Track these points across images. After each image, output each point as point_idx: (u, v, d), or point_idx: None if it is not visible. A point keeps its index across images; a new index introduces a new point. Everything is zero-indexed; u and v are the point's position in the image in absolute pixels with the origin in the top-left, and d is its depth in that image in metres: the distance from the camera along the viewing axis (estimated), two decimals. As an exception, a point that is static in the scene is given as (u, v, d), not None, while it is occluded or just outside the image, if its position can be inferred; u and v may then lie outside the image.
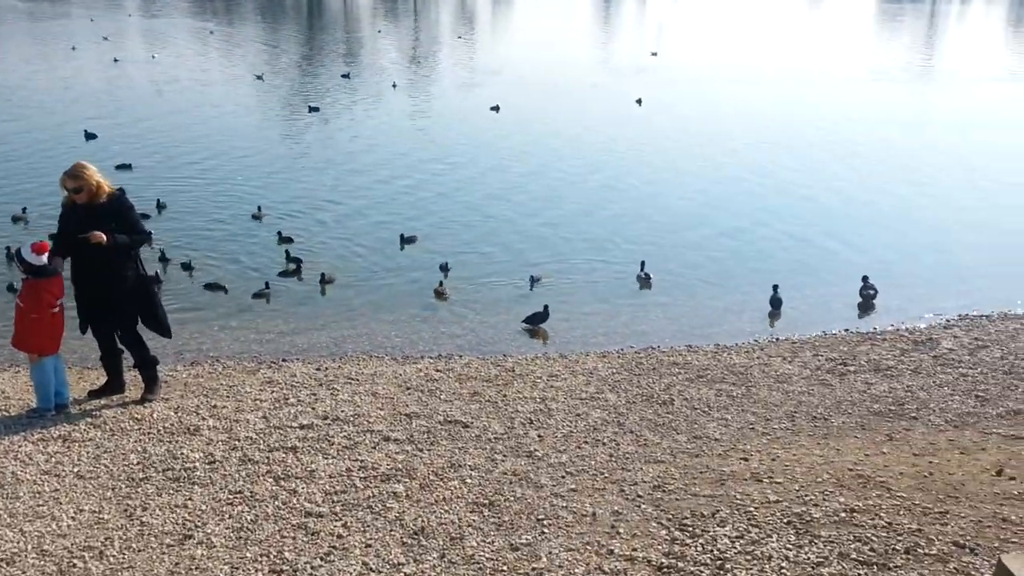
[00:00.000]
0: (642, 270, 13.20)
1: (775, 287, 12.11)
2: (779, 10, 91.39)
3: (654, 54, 41.86)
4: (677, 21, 72.83)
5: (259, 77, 32.67)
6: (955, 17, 75.88)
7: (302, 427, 7.77)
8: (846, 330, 11.30)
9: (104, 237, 7.61)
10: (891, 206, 17.53)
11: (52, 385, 8.05)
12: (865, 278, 12.33)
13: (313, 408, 8.25)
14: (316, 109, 26.39)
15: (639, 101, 27.99)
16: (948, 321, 11.49)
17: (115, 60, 37.16)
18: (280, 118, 25.98)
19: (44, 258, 7.69)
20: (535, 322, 11.48)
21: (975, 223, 16.32)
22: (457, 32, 57.23)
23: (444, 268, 13.20)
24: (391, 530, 5.98)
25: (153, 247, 13.88)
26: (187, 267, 13.16)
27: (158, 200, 16.02)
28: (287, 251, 13.78)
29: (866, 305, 12.22)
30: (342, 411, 8.16)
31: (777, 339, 10.96)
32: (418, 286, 12.88)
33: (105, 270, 7.86)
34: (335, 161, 20.57)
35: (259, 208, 16.15)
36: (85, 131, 21.98)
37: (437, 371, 9.53)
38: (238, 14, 70.73)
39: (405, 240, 14.55)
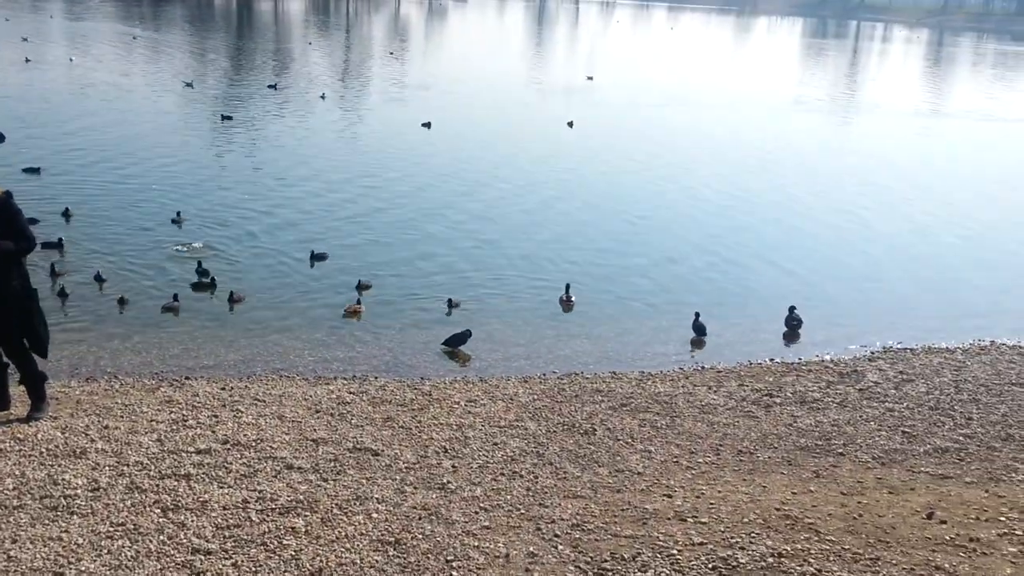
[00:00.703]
0: (566, 293, 12.91)
1: (696, 314, 11.92)
2: (711, 38, 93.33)
3: (590, 78, 42.00)
4: (610, 44, 73.59)
5: (189, 84, 31.76)
6: (877, 53, 78.36)
7: (199, 452, 7.22)
8: (772, 360, 11.14)
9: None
10: (818, 234, 17.66)
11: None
12: (791, 308, 12.23)
13: (213, 431, 7.70)
14: (229, 118, 25.65)
15: (570, 123, 27.89)
16: (873, 353, 11.41)
17: (27, 60, 35.77)
18: (201, 126, 25.13)
19: None
20: (456, 343, 11.06)
21: (901, 254, 16.50)
22: (389, 48, 56.82)
23: (361, 286, 12.70)
24: (285, 571, 5.48)
25: (64, 256, 13.26)
26: (98, 279, 12.31)
27: (66, 208, 15.14)
28: (199, 262, 13.13)
29: (792, 335, 12.12)
30: (244, 435, 7.63)
31: (703, 367, 10.74)
32: (336, 304, 12.33)
33: None
34: (258, 172, 19.93)
35: (178, 214, 15.58)
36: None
37: (350, 393, 9.05)
38: (166, 20, 69.30)
39: (315, 257, 13.97)
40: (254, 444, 7.43)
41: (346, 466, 7.09)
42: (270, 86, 32.75)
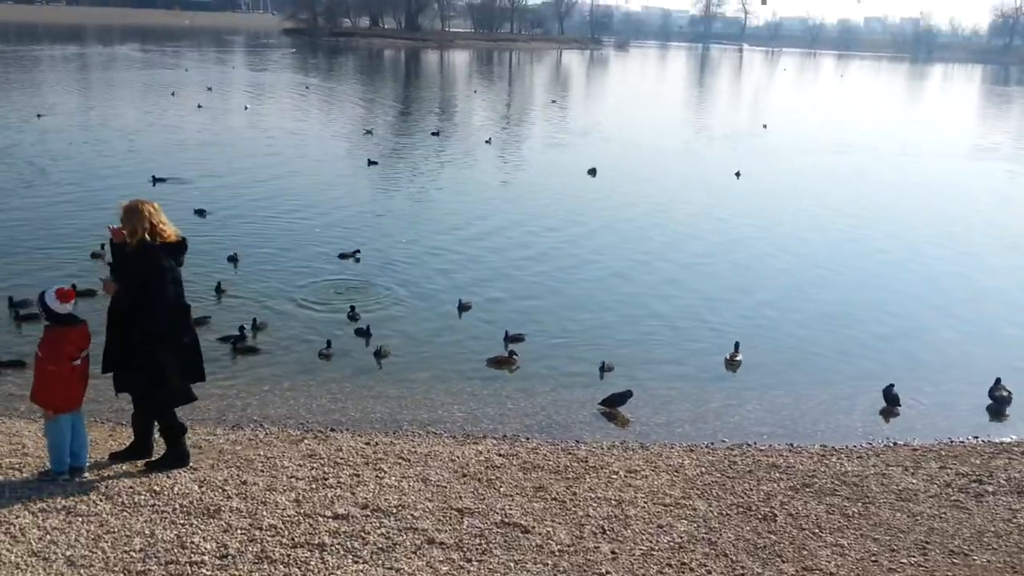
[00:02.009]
0: (734, 351, 11.88)
1: (891, 385, 10.62)
2: (885, 85, 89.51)
3: (765, 126, 40.68)
4: (779, 92, 71.60)
5: (368, 132, 32.63)
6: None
7: (336, 517, 6.67)
8: (976, 438, 9.74)
9: (112, 287, 6.96)
10: (1011, 290, 15.87)
11: (66, 446, 7.14)
12: (997, 379, 10.75)
13: (353, 493, 7.15)
14: (375, 163, 25.97)
15: (737, 174, 26.64)
16: (1100, 435, 9.84)
17: (199, 106, 37.88)
18: (365, 172, 25.43)
19: (69, 307, 6.86)
20: (614, 404, 10.23)
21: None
22: (552, 96, 57.02)
23: (511, 338, 12.08)
24: (419, 673, 4.79)
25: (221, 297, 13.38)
26: (254, 326, 12.10)
27: (234, 253, 15.14)
28: (352, 307, 12.89)
29: (998, 410, 10.62)
30: (385, 499, 7.04)
31: (895, 444, 9.47)
32: (487, 356, 11.72)
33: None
34: (417, 218, 19.84)
35: (349, 255, 15.83)
36: (153, 176, 21.69)
37: (500, 455, 8.36)
38: (338, 71, 72.27)
39: (462, 307, 13.46)
40: (395, 511, 6.82)
41: (493, 544, 6.37)
42: (433, 133, 33.17)
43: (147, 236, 6.88)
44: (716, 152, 33.35)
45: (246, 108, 38.90)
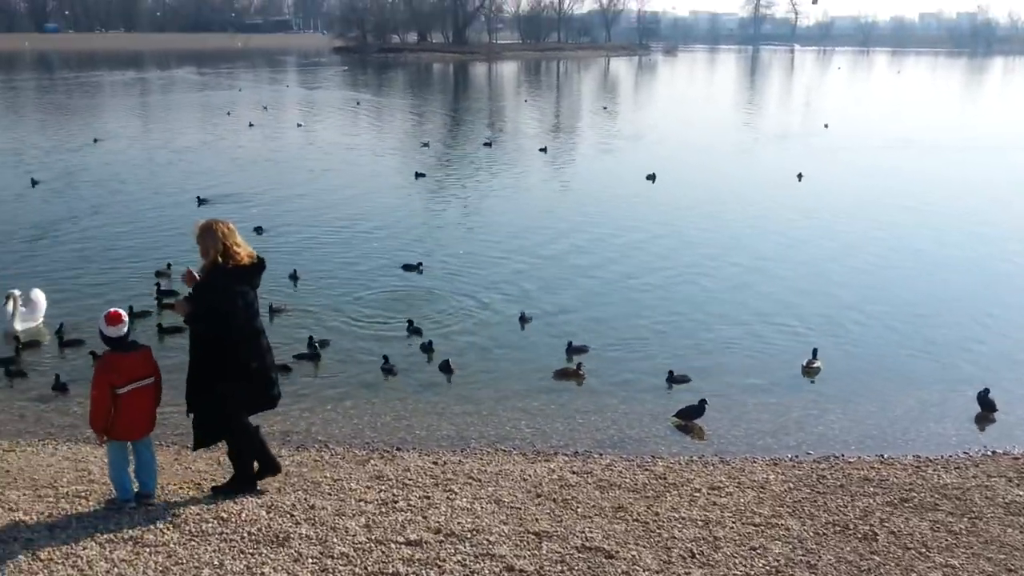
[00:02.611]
0: (812, 358, 11.35)
1: (986, 389, 10.02)
2: (945, 81, 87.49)
3: (826, 125, 39.80)
4: (835, 91, 70.31)
5: (425, 144, 32.60)
6: None
7: (409, 543, 6.35)
8: (1082, 445, 9.12)
9: (184, 308, 6.79)
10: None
11: (123, 474, 6.95)
12: (1100, 380, 10.12)
13: (425, 517, 6.83)
14: (423, 175, 25.78)
15: (799, 176, 25.90)
16: None
17: (250, 125, 38.39)
18: (417, 185, 25.29)
19: (118, 330, 6.66)
20: (689, 416, 9.79)
21: None
22: (602, 102, 56.61)
23: (575, 349, 11.71)
24: None
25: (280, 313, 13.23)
26: (311, 345, 11.82)
27: (294, 271, 15.05)
28: (410, 321, 12.63)
29: (1103, 413, 9.97)
30: (458, 523, 6.71)
31: (994, 452, 8.89)
32: (551, 369, 11.34)
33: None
34: (476, 228, 19.58)
35: (420, 264, 15.71)
36: (198, 197, 21.61)
37: (573, 473, 7.99)
38: (388, 86, 72.70)
39: (524, 319, 13.11)
40: (469, 536, 6.49)
41: (576, 571, 6.00)
42: (486, 143, 32.99)
43: (219, 258, 6.66)
44: (775, 153, 32.66)
45: (299, 125, 39.13)
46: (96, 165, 27.46)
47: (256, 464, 7.28)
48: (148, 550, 6.21)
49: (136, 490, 6.98)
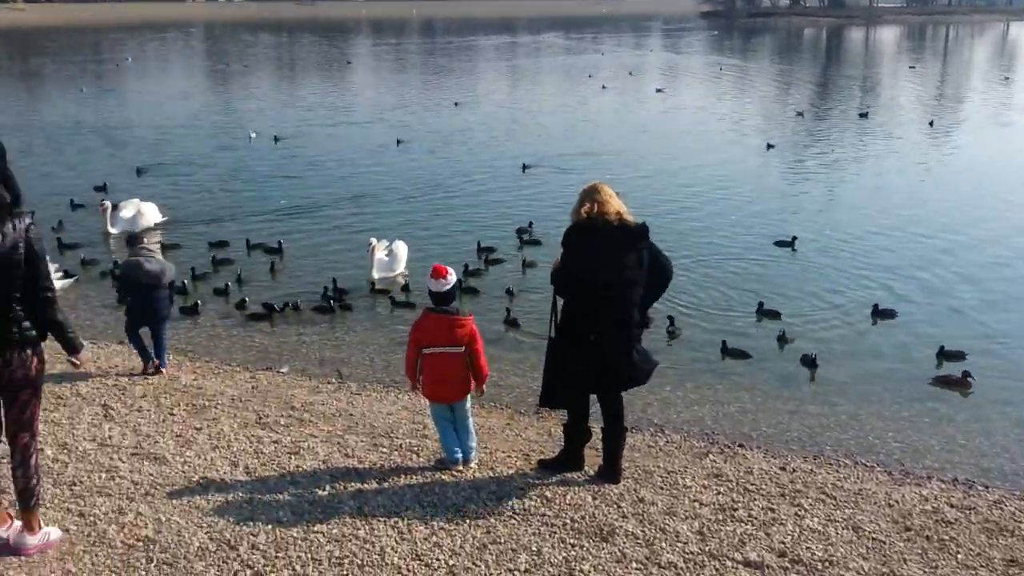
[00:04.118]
0: None
1: None
2: None
3: None
4: None
5: (800, 114, 30.93)
6: None
7: (747, 564, 5.54)
8: None
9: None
10: None
11: (446, 435, 6.82)
12: None
13: (767, 534, 5.96)
14: (772, 146, 23.81)
15: None
16: None
17: (603, 87, 38.74)
18: (768, 156, 23.72)
19: (440, 284, 6.51)
20: (1108, 454, 7.94)
21: None
22: (1001, 72, 50.28)
23: (947, 355, 10.07)
24: None
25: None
26: (671, 321, 11.18)
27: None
28: (760, 304, 11.62)
29: None
30: (808, 549, 5.77)
31: None
32: (928, 376, 9.81)
33: None
34: (843, 206, 17.98)
35: (794, 238, 14.65)
36: (523, 164, 21.59)
37: (952, 507, 6.66)
38: (753, 51, 70.12)
39: (879, 313, 11.54)
40: (820, 567, 5.53)
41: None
42: (861, 114, 30.47)
43: (585, 216, 6.20)
44: None
45: (658, 90, 38.64)
46: (455, 127, 28.67)
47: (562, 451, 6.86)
48: (468, 522, 5.95)
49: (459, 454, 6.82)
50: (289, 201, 18.00)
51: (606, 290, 6.14)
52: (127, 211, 15.59)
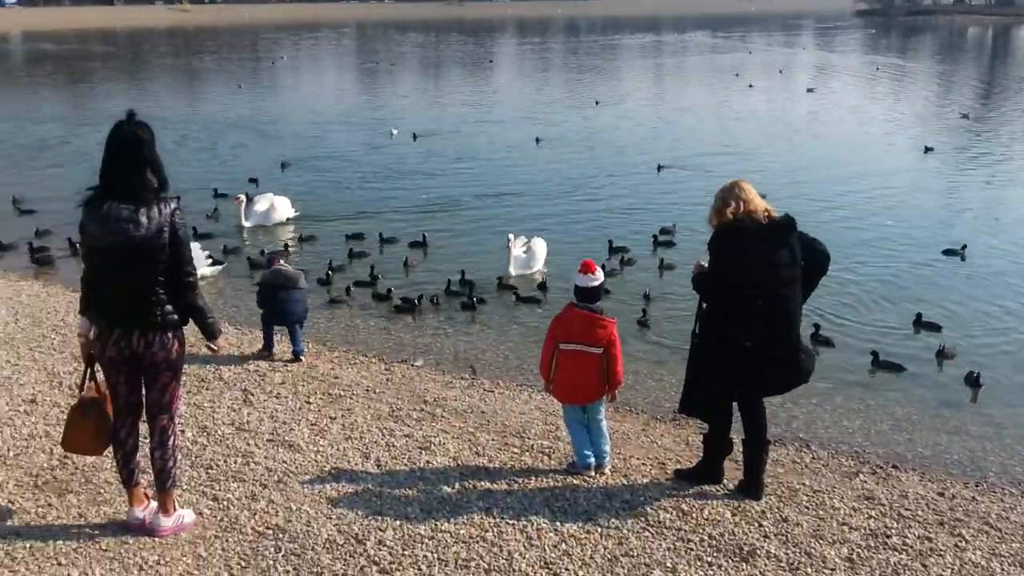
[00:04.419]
0: None
1: None
2: None
3: None
4: None
5: (964, 116, 29.39)
6: None
7: (901, 600, 5.09)
8: None
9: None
10: None
11: (578, 439, 6.58)
12: None
13: (924, 565, 5.49)
14: (931, 149, 22.47)
15: None
16: None
17: (749, 86, 38.17)
18: (927, 159, 22.40)
19: (587, 279, 6.31)
20: None
21: None
22: None
23: None
24: None
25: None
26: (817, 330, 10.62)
27: None
28: (918, 315, 10.89)
29: None
30: (971, 588, 5.26)
31: None
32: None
33: None
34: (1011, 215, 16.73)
35: (964, 247, 13.85)
36: (658, 164, 21.11)
37: None
38: (912, 52, 66.89)
39: None
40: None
41: None
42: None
43: (731, 217, 5.85)
44: None
45: (809, 90, 37.27)
46: (595, 126, 28.34)
47: (700, 461, 6.49)
48: (600, 531, 5.71)
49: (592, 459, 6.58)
50: (429, 196, 18.17)
51: (755, 291, 5.78)
52: (261, 205, 15.91)
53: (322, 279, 12.65)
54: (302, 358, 9.09)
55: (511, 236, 13.09)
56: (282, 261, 9.68)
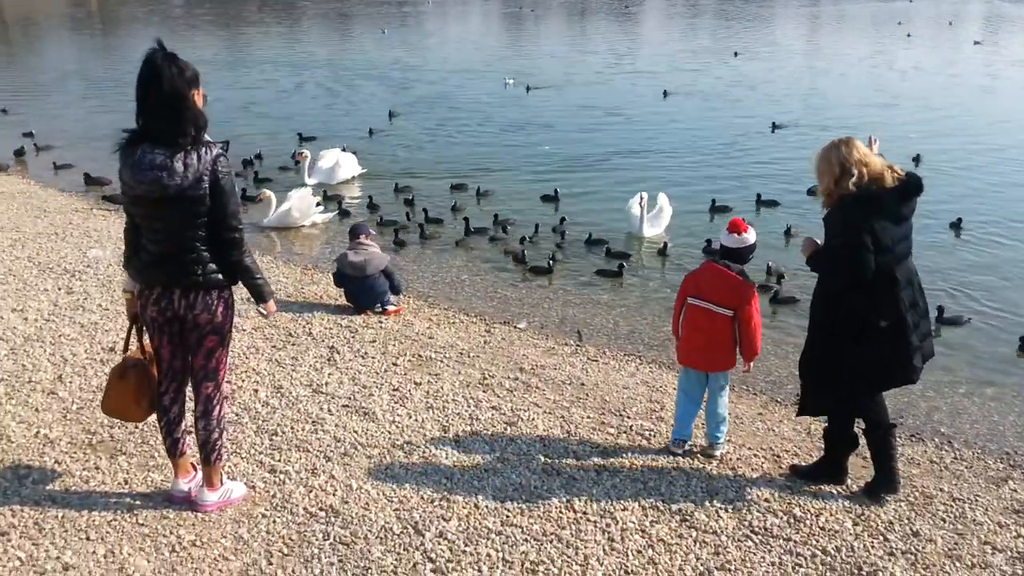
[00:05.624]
0: None
1: None
2: None
3: None
4: None
5: None
6: None
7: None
8: None
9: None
10: None
11: (681, 406, 5.96)
12: None
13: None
14: None
15: None
16: None
17: (907, 36, 35.99)
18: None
19: (736, 238, 5.70)
20: None
21: None
22: None
23: None
24: None
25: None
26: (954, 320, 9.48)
27: (957, 220, 12.07)
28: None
29: None
30: None
31: None
32: None
33: None
34: None
35: None
36: (773, 123, 19.46)
37: None
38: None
39: None
40: None
41: None
42: None
43: (853, 188, 4.97)
44: None
45: (976, 43, 34.41)
46: (730, 79, 26.81)
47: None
48: (694, 535, 5.01)
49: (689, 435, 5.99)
50: (549, 150, 17.40)
51: (894, 266, 4.96)
52: (325, 161, 14.97)
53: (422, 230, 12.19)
54: (389, 308, 8.70)
55: (643, 195, 12.26)
56: (364, 237, 8.99)
